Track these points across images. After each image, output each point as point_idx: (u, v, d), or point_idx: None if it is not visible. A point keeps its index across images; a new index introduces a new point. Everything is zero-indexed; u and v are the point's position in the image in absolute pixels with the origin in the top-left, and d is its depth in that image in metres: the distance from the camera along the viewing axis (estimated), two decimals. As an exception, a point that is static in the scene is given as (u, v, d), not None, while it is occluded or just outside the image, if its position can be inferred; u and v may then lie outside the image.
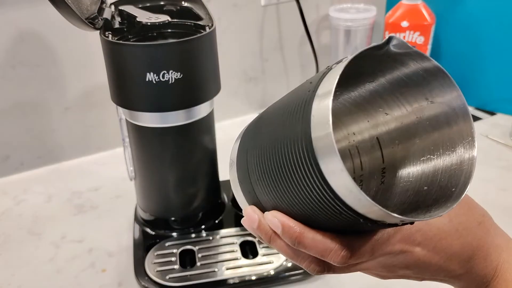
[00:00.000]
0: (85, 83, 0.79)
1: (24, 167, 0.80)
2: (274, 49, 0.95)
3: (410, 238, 0.33)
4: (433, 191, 0.31)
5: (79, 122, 0.81)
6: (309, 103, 0.26)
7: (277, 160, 0.28)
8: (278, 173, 0.29)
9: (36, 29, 0.73)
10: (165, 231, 0.61)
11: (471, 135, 0.29)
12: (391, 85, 0.32)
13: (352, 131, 0.36)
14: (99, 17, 0.51)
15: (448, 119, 0.30)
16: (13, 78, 0.74)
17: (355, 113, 0.36)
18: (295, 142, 0.27)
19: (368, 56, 0.28)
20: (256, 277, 0.55)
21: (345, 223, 0.27)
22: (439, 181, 0.31)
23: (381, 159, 0.35)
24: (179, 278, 0.54)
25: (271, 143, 0.29)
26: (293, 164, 0.27)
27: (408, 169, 0.33)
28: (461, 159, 0.30)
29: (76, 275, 0.58)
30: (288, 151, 0.27)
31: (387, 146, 0.35)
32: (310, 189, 0.27)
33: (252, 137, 0.33)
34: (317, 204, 0.27)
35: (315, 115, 0.25)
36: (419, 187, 0.32)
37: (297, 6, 0.86)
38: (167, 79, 0.48)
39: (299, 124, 0.26)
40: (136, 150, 0.58)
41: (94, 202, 0.72)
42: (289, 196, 0.29)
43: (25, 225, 0.68)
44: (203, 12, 0.57)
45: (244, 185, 0.33)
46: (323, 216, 0.28)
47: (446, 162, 0.31)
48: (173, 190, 0.59)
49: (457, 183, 0.29)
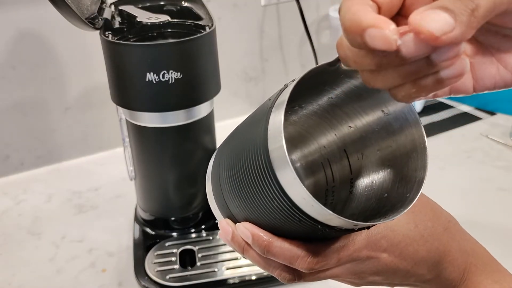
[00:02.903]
0: (85, 83, 0.79)
1: (24, 167, 0.80)
2: (274, 49, 0.95)
3: (376, 245, 0.33)
4: (392, 197, 0.32)
5: (79, 122, 0.81)
6: (267, 118, 0.28)
7: (243, 172, 0.30)
8: (244, 184, 0.30)
9: (36, 29, 0.73)
10: (165, 231, 0.61)
11: (423, 143, 0.31)
12: (349, 98, 0.33)
13: (322, 144, 0.38)
14: (99, 17, 0.51)
15: (403, 128, 0.32)
16: (13, 78, 0.74)
17: (323, 126, 0.37)
18: (257, 155, 0.29)
19: (324, 72, 0.29)
20: (256, 277, 0.55)
21: (307, 230, 0.29)
22: (397, 188, 0.32)
23: (349, 170, 0.37)
24: (179, 278, 0.54)
25: (237, 156, 0.31)
26: (256, 175, 0.29)
27: (372, 178, 0.35)
28: (415, 166, 0.31)
29: (76, 275, 0.58)
30: (251, 163, 0.29)
31: (353, 157, 0.36)
32: (271, 198, 0.28)
33: (223, 152, 0.35)
34: (279, 213, 0.29)
35: (271, 129, 0.27)
36: (381, 194, 0.34)
37: (297, 6, 0.86)
38: (167, 79, 0.48)
39: (259, 138, 0.28)
40: (136, 150, 0.58)
41: (94, 202, 0.72)
42: (255, 206, 0.31)
43: (25, 225, 0.68)
44: (203, 12, 0.57)
45: (218, 199, 0.36)
46: (287, 225, 0.29)
47: (403, 169, 0.32)
48: (173, 190, 0.59)
49: (411, 189, 0.31)
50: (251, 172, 0.29)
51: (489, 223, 0.64)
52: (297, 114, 0.37)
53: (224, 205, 0.35)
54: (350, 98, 0.33)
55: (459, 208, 0.67)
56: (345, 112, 0.35)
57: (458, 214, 0.70)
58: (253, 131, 0.30)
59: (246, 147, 0.30)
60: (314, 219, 0.27)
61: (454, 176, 0.74)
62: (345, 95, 0.33)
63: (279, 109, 0.28)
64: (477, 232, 0.62)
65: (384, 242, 0.34)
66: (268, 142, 0.27)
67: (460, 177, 0.74)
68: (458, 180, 0.73)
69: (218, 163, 0.35)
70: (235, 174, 0.31)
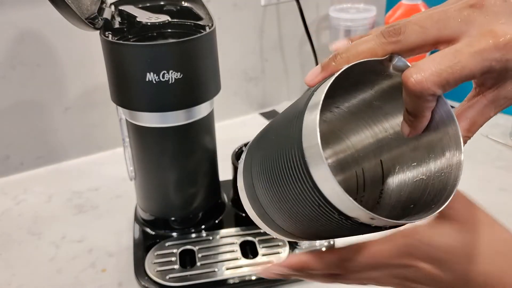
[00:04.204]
0: (85, 83, 0.79)
1: (24, 167, 0.80)
2: (274, 49, 0.95)
3: (414, 253, 0.33)
4: (417, 207, 0.32)
5: (79, 122, 0.81)
6: (302, 114, 0.28)
7: (275, 167, 0.30)
8: (275, 179, 0.31)
9: (36, 29, 0.73)
10: (165, 231, 0.61)
11: (458, 139, 0.30)
12: (389, 103, 0.33)
13: (357, 149, 0.38)
14: (99, 17, 0.51)
15: (443, 149, 0.31)
16: (14, 78, 0.74)
17: (360, 129, 0.37)
18: (291, 152, 0.29)
19: (368, 71, 0.29)
20: (256, 277, 0.55)
21: (336, 226, 0.29)
22: (425, 198, 0.32)
23: (381, 181, 0.36)
24: (179, 278, 0.54)
25: (270, 152, 0.31)
26: (289, 171, 0.29)
27: (402, 188, 0.34)
28: (447, 180, 0.31)
29: (76, 275, 0.58)
30: (285, 159, 0.29)
31: (387, 167, 0.36)
32: (303, 194, 0.29)
33: (256, 147, 0.35)
34: (311, 209, 0.29)
35: (305, 127, 0.28)
36: (408, 204, 0.33)
37: (297, 6, 0.86)
38: (167, 79, 0.48)
39: (295, 134, 0.28)
40: (136, 150, 0.58)
41: (94, 202, 0.72)
42: (287, 203, 0.31)
43: (25, 225, 0.68)
44: (203, 12, 0.57)
45: (250, 195, 0.36)
46: (316, 221, 0.30)
47: (434, 182, 0.32)
48: (173, 190, 0.59)
49: (438, 200, 0.30)
50: (284, 167, 0.29)
51: (489, 223, 0.64)
52: (334, 113, 0.37)
53: (256, 200, 0.35)
54: (390, 102, 0.33)
55: (459, 208, 0.67)
56: (385, 117, 0.35)
57: (458, 214, 0.69)
58: (289, 126, 0.30)
59: (280, 143, 0.30)
60: (344, 214, 0.28)
61: (454, 176, 0.74)
62: (384, 98, 0.33)
63: (314, 106, 0.28)
64: (477, 232, 0.62)
65: (427, 251, 0.32)
66: (303, 140, 0.28)
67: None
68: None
69: (250, 158, 0.35)
70: (267, 169, 0.32)
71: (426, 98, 0.28)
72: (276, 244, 0.58)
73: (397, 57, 0.29)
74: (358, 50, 0.30)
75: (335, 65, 0.31)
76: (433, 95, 0.28)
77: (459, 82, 0.27)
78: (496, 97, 0.31)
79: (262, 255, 0.57)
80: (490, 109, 0.31)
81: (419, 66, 0.27)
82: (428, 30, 0.29)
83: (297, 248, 0.58)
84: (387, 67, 0.29)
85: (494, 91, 0.31)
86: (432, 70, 0.27)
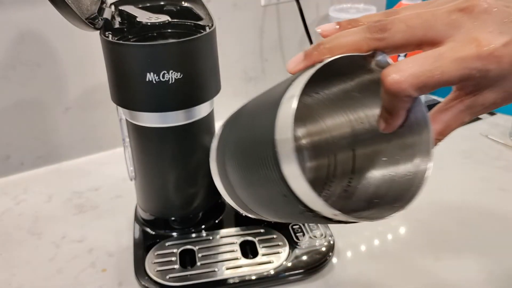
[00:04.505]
0: (86, 83, 0.80)
1: (24, 167, 0.80)
2: (274, 49, 0.95)
3: None
4: (381, 204, 0.32)
5: (80, 122, 0.82)
6: (277, 105, 0.28)
7: (249, 153, 0.31)
8: (248, 164, 0.32)
9: (37, 29, 0.73)
10: (165, 231, 0.61)
11: (426, 165, 0.30)
12: (367, 96, 0.33)
13: (333, 136, 0.38)
14: (99, 17, 0.51)
15: (414, 145, 0.31)
16: (14, 78, 0.74)
17: (338, 118, 0.37)
18: (263, 140, 0.29)
19: (350, 62, 0.29)
20: (256, 276, 0.55)
21: (299, 214, 0.30)
22: (390, 195, 0.32)
23: (351, 169, 0.37)
24: (179, 278, 0.54)
25: (247, 135, 0.32)
26: (260, 160, 0.29)
27: (369, 181, 0.35)
28: (412, 182, 0.31)
29: (76, 275, 0.58)
30: (258, 148, 0.30)
31: (359, 157, 0.37)
32: (272, 184, 0.29)
33: (233, 125, 0.36)
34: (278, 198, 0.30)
35: (280, 118, 0.28)
36: (372, 199, 0.33)
37: (297, 6, 0.86)
38: (167, 79, 0.49)
39: (268, 127, 0.29)
40: (136, 150, 0.58)
41: (94, 202, 0.72)
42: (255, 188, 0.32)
43: (25, 225, 0.68)
44: (203, 12, 0.57)
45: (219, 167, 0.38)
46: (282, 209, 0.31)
47: (401, 180, 0.32)
48: (173, 190, 0.60)
49: (402, 200, 0.30)
50: (255, 156, 0.30)
51: (489, 223, 0.64)
52: (313, 98, 0.37)
53: (226, 178, 0.36)
54: (369, 95, 0.33)
55: (459, 208, 0.67)
56: (363, 109, 0.35)
57: (458, 214, 0.70)
58: (263, 114, 0.30)
59: (254, 130, 0.31)
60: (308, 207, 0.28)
61: (453, 176, 0.74)
62: (363, 91, 0.33)
63: (291, 97, 0.28)
64: (477, 232, 0.63)
65: None
66: (276, 132, 0.28)
67: (459, 177, 0.74)
68: (458, 180, 0.73)
69: (224, 139, 0.36)
70: (239, 154, 0.32)
71: (402, 99, 0.28)
72: (276, 244, 0.58)
73: (380, 53, 0.29)
74: (342, 42, 0.30)
75: (317, 54, 0.31)
76: (409, 97, 0.28)
77: (437, 87, 0.27)
78: (473, 103, 0.31)
79: (262, 255, 0.57)
80: (466, 115, 0.31)
81: (399, 66, 0.27)
82: (414, 30, 0.28)
83: (297, 248, 0.58)
84: (369, 63, 0.29)
85: (472, 97, 0.30)
86: (411, 72, 0.27)
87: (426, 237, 0.62)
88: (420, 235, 0.62)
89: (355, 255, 0.59)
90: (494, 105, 0.31)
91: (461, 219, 0.65)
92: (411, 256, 0.59)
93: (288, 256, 0.57)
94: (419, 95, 0.29)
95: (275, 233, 0.60)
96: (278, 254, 0.57)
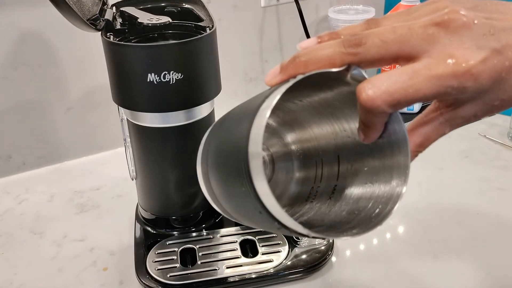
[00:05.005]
0: (87, 84, 0.80)
1: (26, 166, 0.81)
2: (274, 50, 0.95)
3: None
4: (360, 217, 0.32)
5: (81, 122, 0.82)
6: (253, 116, 0.29)
7: (226, 162, 0.32)
8: (225, 174, 0.32)
9: (38, 30, 0.73)
10: (166, 230, 0.62)
11: (404, 178, 0.30)
12: (349, 108, 0.34)
13: (320, 142, 0.39)
14: (101, 18, 0.52)
15: (393, 156, 0.31)
16: (15, 78, 0.75)
17: (323, 125, 0.38)
18: (238, 152, 0.29)
19: (326, 74, 0.29)
20: (256, 275, 0.55)
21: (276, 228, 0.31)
22: (368, 209, 0.32)
23: (336, 177, 0.37)
24: (180, 277, 0.55)
25: (225, 145, 0.33)
26: (236, 172, 0.30)
27: (352, 191, 0.35)
28: (390, 197, 0.31)
29: (77, 274, 0.59)
30: (234, 158, 0.30)
31: (343, 165, 0.37)
32: (247, 199, 0.30)
33: (216, 133, 0.37)
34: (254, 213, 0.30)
35: (253, 131, 0.28)
36: (353, 210, 0.34)
37: (297, 7, 0.86)
38: (168, 79, 0.49)
39: (242, 140, 0.29)
40: (137, 150, 0.58)
41: (95, 201, 0.73)
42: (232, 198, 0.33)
43: (27, 224, 0.68)
44: (203, 13, 0.57)
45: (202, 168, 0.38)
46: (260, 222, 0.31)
47: (379, 195, 0.32)
48: (174, 189, 0.60)
49: (378, 216, 0.31)
50: (232, 167, 0.30)
51: (488, 222, 0.64)
52: (297, 105, 0.37)
53: (209, 183, 0.37)
54: (350, 106, 0.33)
55: (458, 208, 0.67)
56: (345, 118, 0.35)
57: (457, 214, 0.70)
58: (240, 125, 0.30)
59: (231, 140, 0.31)
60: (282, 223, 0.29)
61: (452, 176, 0.74)
62: (343, 101, 0.33)
63: (263, 115, 0.28)
64: (476, 231, 0.63)
65: None
66: (249, 144, 0.28)
67: (458, 176, 0.74)
68: (456, 179, 0.74)
69: (208, 145, 0.37)
70: (218, 162, 0.33)
71: (376, 114, 0.28)
72: (276, 243, 0.59)
73: (355, 68, 0.29)
74: (317, 56, 0.29)
75: (293, 68, 0.30)
76: (384, 112, 0.27)
77: (412, 104, 0.27)
78: (453, 116, 0.30)
79: (262, 253, 0.58)
80: (446, 127, 0.31)
81: (373, 82, 0.27)
82: (388, 46, 0.28)
83: (297, 247, 0.58)
84: (345, 76, 0.29)
85: (452, 110, 0.30)
86: (384, 89, 0.27)
87: (424, 237, 0.62)
88: (419, 234, 0.63)
89: (354, 254, 0.60)
90: (475, 118, 0.30)
91: (460, 218, 0.65)
92: (410, 256, 0.59)
93: (288, 255, 0.57)
94: (394, 111, 0.28)
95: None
96: (278, 253, 0.57)
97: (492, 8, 0.28)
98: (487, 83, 0.27)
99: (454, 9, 0.27)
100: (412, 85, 0.26)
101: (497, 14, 0.28)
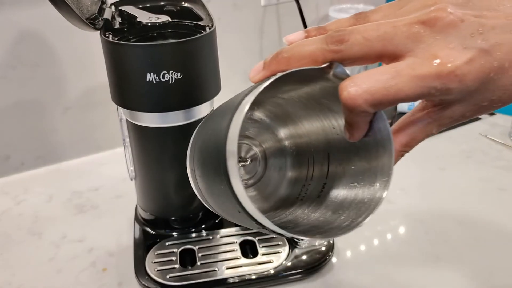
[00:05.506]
0: (86, 83, 0.80)
1: (24, 167, 0.80)
2: (274, 49, 0.94)
3: None
4: (343, 218, 0.32)
5: (80, 122, 0.82)
6: (233, 114, 0.29)
7: (209, 161, 0.32)
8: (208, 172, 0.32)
9: (37, 29, 0.73)
10: (165, 231, 0.61)
11: (388, 178, 0.30)
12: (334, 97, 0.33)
13: (312, 139, 0.38)
14: (100, 18, 0.51)
15: (378, 157, 0.31)
16: (14, 78, 0.74)
17: (313, 121, 0.37)
18: (219, 149, 0.29)
19: (310, 71, 0.29)
20: (256, 276, 0.55)
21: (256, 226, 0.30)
22: (352, 209, 0.32)
23: (326, 175, 0.37)
24: (180, 277, 0.55)
25: (208, 142, 0.33)
26: (216, 170, 0.30)
27: (339, 191, 0.35)
28: (373, 198, 0.31)
29: (76, 275, 0.59)
30: (215, 157, 0.30)
31: (333, 164, 0.36)
32: (226, 197, 0.30)
33: (201, 130, 0.37)
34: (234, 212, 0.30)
35: (231, 129, 0.28)
36: (337, 210, 0.33)
37: (297, 6, 0.86)
38: (167, 79, 0.49)
39: (222, 134, 0.29)
40: (136, 150, 0.58)
41: (94, 202, 0.72)
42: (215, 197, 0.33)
43: (25, 225, 0.68)
44: (203, 13, 0.57)
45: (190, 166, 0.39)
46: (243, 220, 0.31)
47: (364, 195, 0.32)
48: (173, 189, 0.60)
49: (360, 216, 0.30)
50: (213, 165, 0.30)
51: (489, 223, 0.64)
52: (287, 100, 0.37)
53: (196, 182, 0.37)
54: (336, 103, 0.33)
55: (459, 208, 0.67)
56: (333, 115, 0.34)
57: (458, 214, 0.70)
58: (221, 122, 0.30)
59: (213, 135, 0.31)
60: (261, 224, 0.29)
61: (453, 176, 0.74)
62: (329, 97, 0.33)
63: (242, 110, 0.28)
64: (477, 232, 0.63)
65: None
66: (227, 141, 0.28)
67: (459, 177, 0.74)
68: (458, 180, 0.73)
69: (195, 142, 0.38)
70: (202, 160, 0.33)
71: (357, 113, 0.27)
72: (276, 244, 0.58)
73: (338, 65, 0.28)
74: (300, 53, 0.29)
75: (275, 64, 0.30)
76: (365, 112, 0.27)
77: (394, 104, 0.26)
78: (441, 116, 0.29)
79: (262, 254, 0.57)
80: (433, 127, 0.30)
81: (355, 80, 0.26)
82: (372, 44, 0.27)
83: (297, 247, 0.58)
84: (327, 73, 0.29)
85: (439, 110, 0.29)
86: (366, 88, 0.26)
87: (426, 237, 0.62)
88: (420, 235, 0.62)
89: (354, 255, 0.60)
90: (463, 118, 0.29)
91: (461, 219, 0.65)
92: (411, 256, 0.59)
93: (288, 256, 0.57)
94: (375, 111, 0.28)
95: (275, 233, 0.60)
96: (278, 253, 0.57)
97: (484, 4, 0.27)
98: (473, 84, 0.26)
99: (441, 7, 0.26)
100: (394, 85, 0.26)
101: (488, 11, 0.27)
